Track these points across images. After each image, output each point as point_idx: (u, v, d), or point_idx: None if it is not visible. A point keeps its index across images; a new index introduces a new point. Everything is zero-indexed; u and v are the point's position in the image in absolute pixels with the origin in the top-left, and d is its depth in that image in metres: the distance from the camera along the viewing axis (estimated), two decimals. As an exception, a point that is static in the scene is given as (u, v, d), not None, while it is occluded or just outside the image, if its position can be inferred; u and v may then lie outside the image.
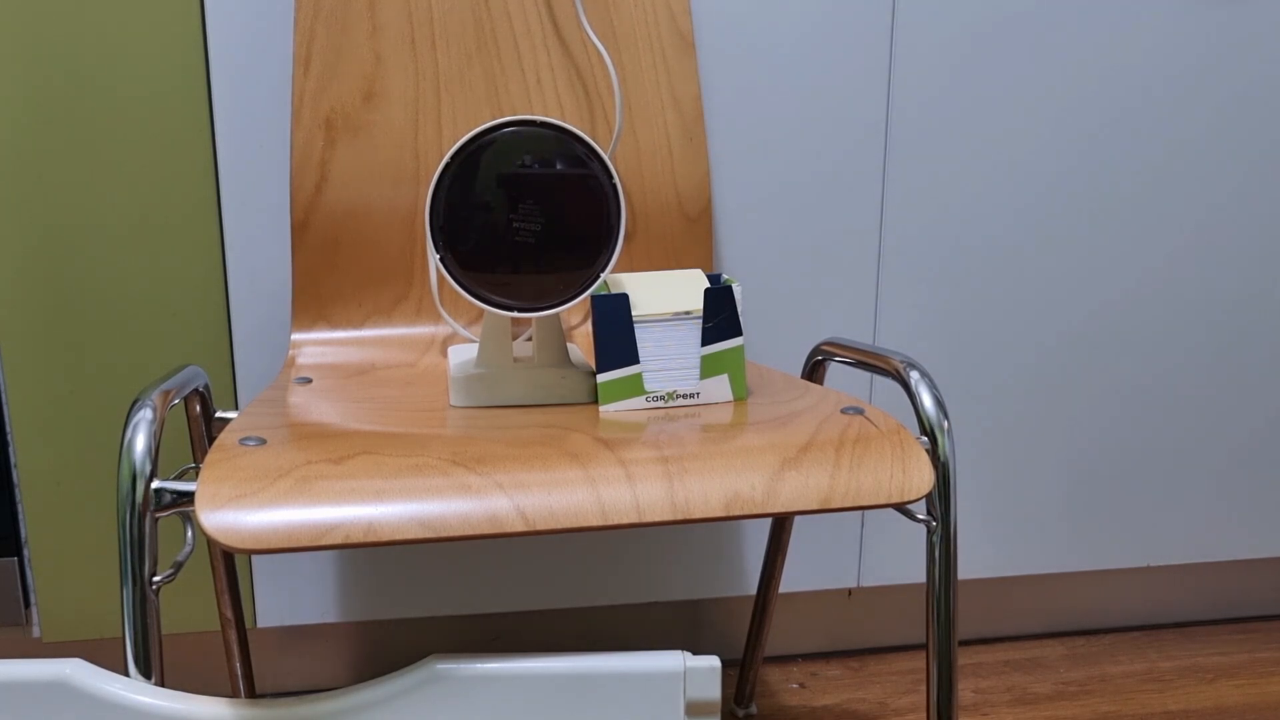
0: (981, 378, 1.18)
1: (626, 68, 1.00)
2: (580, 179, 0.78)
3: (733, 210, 1.10)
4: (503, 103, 0.99)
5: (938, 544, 0.71)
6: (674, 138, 1.01)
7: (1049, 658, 1.26)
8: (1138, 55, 1.14)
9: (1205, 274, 1.21)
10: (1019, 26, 1.11)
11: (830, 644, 1.28)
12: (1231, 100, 1.17)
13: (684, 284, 0.81)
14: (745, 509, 0.62)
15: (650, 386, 0.79)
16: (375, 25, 0.96)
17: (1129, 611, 1.34)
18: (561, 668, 0.95)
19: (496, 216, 0.77)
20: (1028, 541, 1.24)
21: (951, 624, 0.72)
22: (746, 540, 1.18)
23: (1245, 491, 1.27)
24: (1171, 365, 1.22)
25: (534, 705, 0.95)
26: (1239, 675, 1.22)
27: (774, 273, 1.12)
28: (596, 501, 0.61)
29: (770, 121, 1.09)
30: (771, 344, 1.14)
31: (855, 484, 0.64)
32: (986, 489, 1.21)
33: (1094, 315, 1.19)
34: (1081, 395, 1.21)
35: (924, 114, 1.12)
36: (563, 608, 1.20)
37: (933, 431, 0.71)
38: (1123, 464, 1.24)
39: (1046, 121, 1.14)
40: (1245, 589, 1.35)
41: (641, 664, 0.95)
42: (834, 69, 1.09)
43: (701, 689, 0.96)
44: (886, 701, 1.16)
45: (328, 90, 0.95)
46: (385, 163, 0.96)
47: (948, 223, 1.14)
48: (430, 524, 0.59)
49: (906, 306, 1.16)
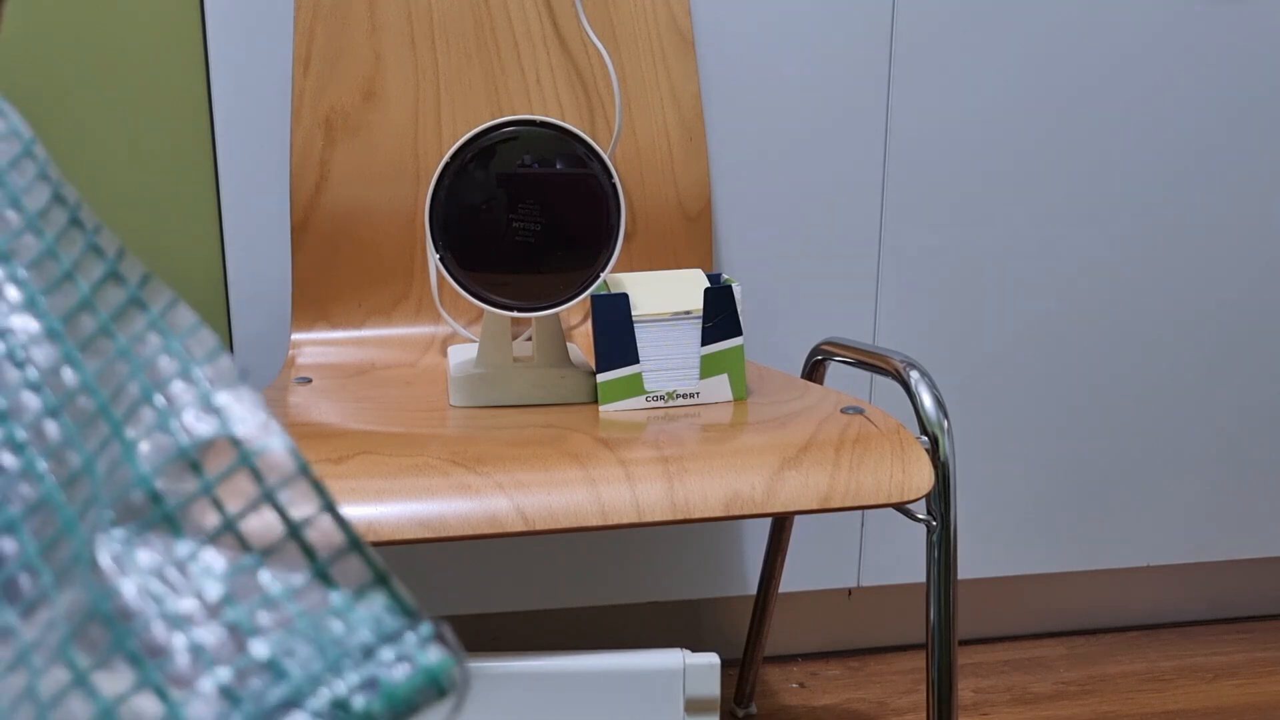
0: (981, 377, 1.18)
1: (626, 67, 1.00)
2: (580, 178, 0.78)
3: (732, 210, 1.10)
4: (502, 102, 0.99)
5: (937, 544, 0.71)
6: (674, 137, 1.01)
7: (1049, 657, 1.26)
8: (1141, 55, 1.14)
9: (1207, 274, 1.21)
10: (1021, 25, 1.11)
11: (830, 644, 1.27)
12: (1237, 100, 1.17)
13: (684, 284, 0.81)
14: (745, 509, 0.62)
15: (650, 386, 0.79)
16: (375, 25, 0.96)
17: (1129, 611, 1.33)
18: (561, 666, 0.95)
19: (496, 216, 0.77)
20: (1027, 541, 1.24)
21: (951, 624, 0.72)
22: (746, 540, 1.18)
23: (1245, 491, 1.27)
24: (1171, 364, 1.22)
25: (534, 703, 0.95)
26: (1239, 675, 1.22)
27: (774, 272, 1.12)
28: (596, 501, 0.61)
29: (770, 121, 1.09)
30: (771, 344, 1.14)
31: (855, 484, 0.64)
32: (986, 488, 1.21)
33: (1095, 315, 1.19)
34: (1081, 395, 1.21)
35: (924, 112, 1.12)
36: (563, 607, 1.20)
37: (933, 431, 0.71)
38: (1122, 464, 1.24)
39: (1047, 121, 1.14)
40: (1245, 589, 1.35)
41: (641, 662, 0.95)
42: (834, 68, 1.09)
43: (700, 686, 0.96)
44: (886, 701, 1.16)
45: (327, 90, 0.95)
46: (385, 162, 0.96)
47: (948, 222, 1.14)
48: (430, 524, 0.59)
49: (906, 306, 1.16)
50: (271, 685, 0.22)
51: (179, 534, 0.23)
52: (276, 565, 0.23)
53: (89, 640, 0.22)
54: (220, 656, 0.22)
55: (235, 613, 0.22)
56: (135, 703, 0.21)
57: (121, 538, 0.23)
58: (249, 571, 0.23)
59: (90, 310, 0.26)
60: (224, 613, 0.22)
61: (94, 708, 0.22)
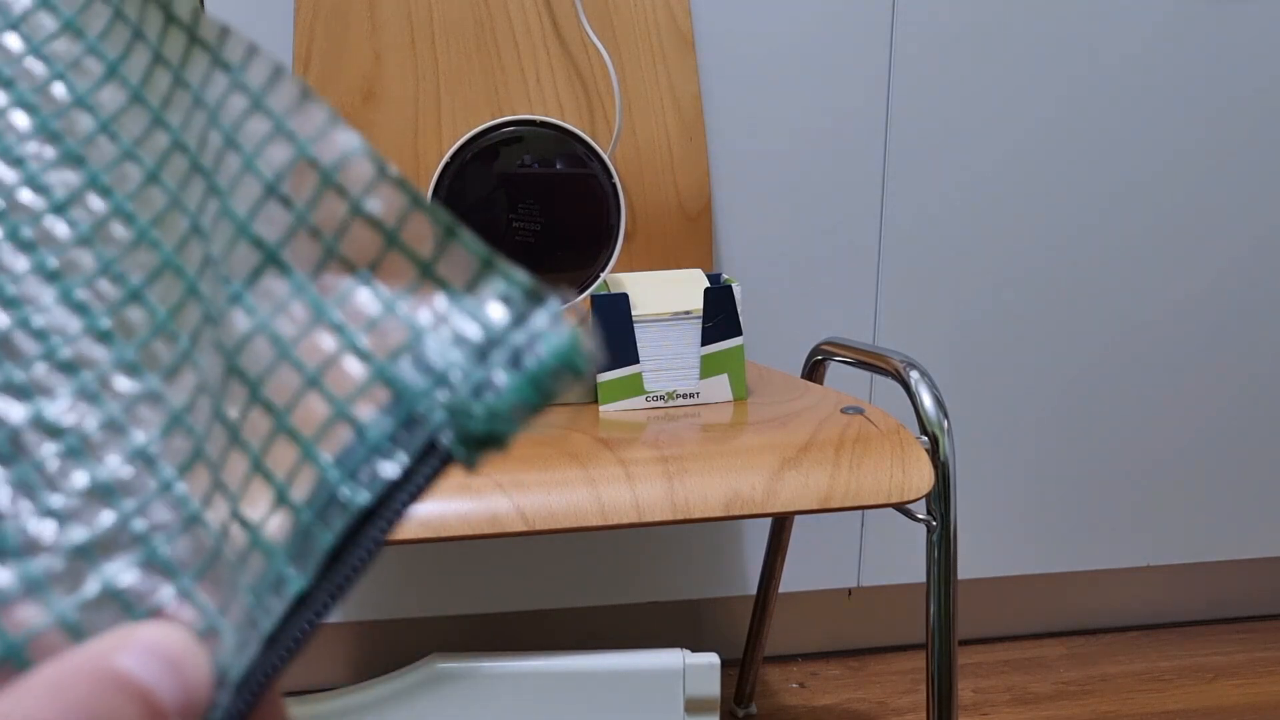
0: (981, 377, 1.18)
1: (626, 66, 1.00)
2: (580, 178, 0.77)
3: (732, 209, 1.10)
4: (502, 102, 0.98)
5: (937, 544, 0.71)
6: (674, 137, 1.01)
7: (1048, 657, 1.25)
8: (1142, 54, 1.14)
9: (1211, 274, 1.20)
10: (1022, 23, 1.11)
11: (830, 644, 1.27)
12: (1243, 99, 1.17)
13: (683, 284, 0.81)
14: (745, 509, 0.62)
15: (650, 386, 0.79)
16: (375, 24, 0.96)
17: (1129, 611, 1.33)
18: (561, 666, 0.95)
19: (496, 216, 0.77)
20: (1027, 541, 1.24)
21: (951, 624, 0.72)
22: (746, 540, 1.18)
23: (1245, 491, 1.27)
24: (1171, 364, 1.22)
25: (534, 704, 0.95)
26: (1238, 675, 1.22)
27: (773, 272, 1.12)
28: (596, 501, 0.61)
29: (770, 120, 1.09)
30: (771, 344, 1.13)
31: (855, 484, 0.64)
32: (986, 488, 1.21)
33: (1094, 314, 1.19)
34: (1081, 394, 1.21)
35: (924, 112, 1.11)
36: (562, 608, 1.20)
37: (932, 431, 0.71)
38: (1122, 463, 1.23)
39: (1049, 118, 1.14)
40: (1245, 589, 1.35)
41: (641, 662, 0.95)
42: (835, 66, 1.09)
43: (701, 686, 0.96)
44: (886, 701, 1.16)
45: (327, 90, 0.95)
46: (385, 162, 0.96)
47: (948, 221, 1.14)
48: (430, 524, 0.59)
49: (906, 306, 1.15)
50: (432, 387, 0.20)
51: (288, 273, 0.22)
52: (386, 276, 0.22)
53: (233, 396, 0.22)
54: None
55: (365, 339, 0.21)
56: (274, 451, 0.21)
57: (237, 291, 0.22)
58: (363, 291, 0.22)
59: (164, 64, 0.25)
60: (351, 339, 0.21)
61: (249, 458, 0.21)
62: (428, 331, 0.21)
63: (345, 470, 0.20)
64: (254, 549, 0.21)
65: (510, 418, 0.20)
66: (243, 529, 0.21)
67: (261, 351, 0.22)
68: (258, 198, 0.23)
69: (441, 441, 0.20)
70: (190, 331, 0.23)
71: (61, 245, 0.24)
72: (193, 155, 0.24)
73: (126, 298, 0.24)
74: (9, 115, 0.25)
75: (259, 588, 0.20)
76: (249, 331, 0.22)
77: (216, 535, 0.21)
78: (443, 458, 0.20)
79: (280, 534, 0.20)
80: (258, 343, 0.22)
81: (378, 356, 0.21)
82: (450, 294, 0.21)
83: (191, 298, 0.23)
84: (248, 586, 0.20)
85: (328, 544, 0.20)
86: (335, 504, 0.20)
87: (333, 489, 0.20)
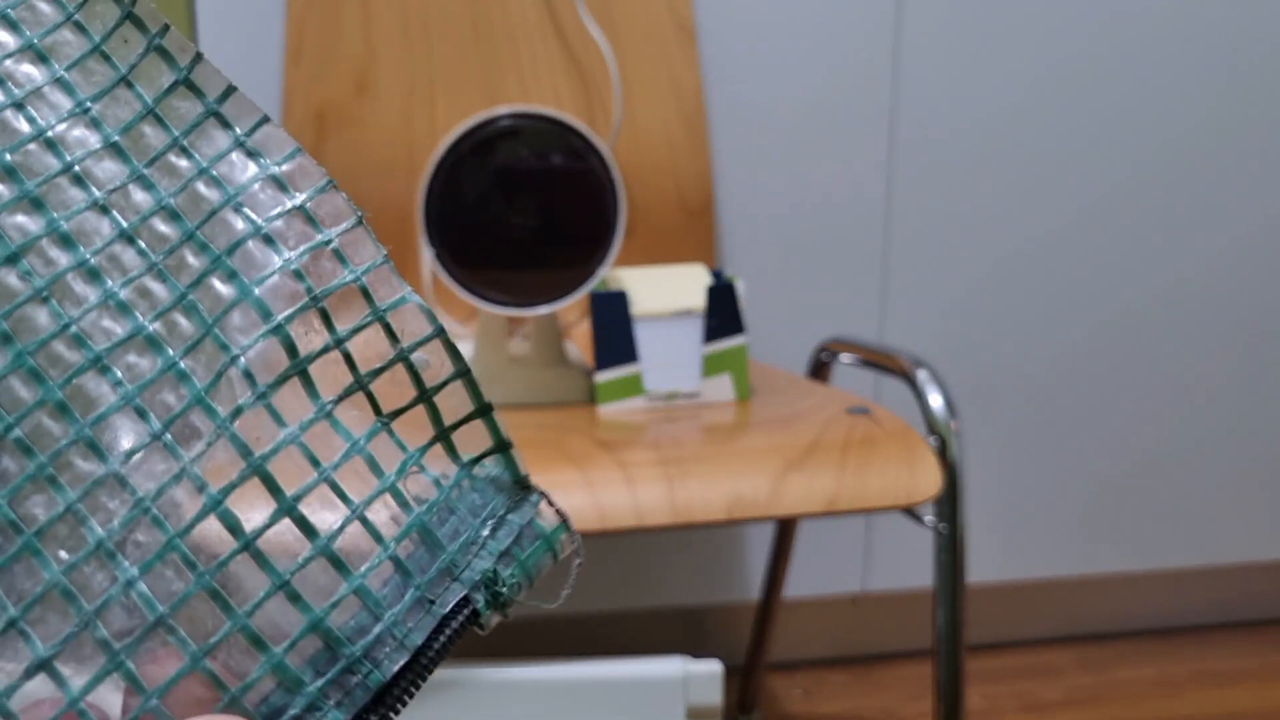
0: (991, 377, 1.17)
1: (626, 58, 0.99)
2: (578, 173, 0.77)
3: (735, 204, 1.09)
4: (498, 94, 0.98)
5: (946, 548, 0.71)
6: (674, 130, 1.00)
7: (1059, 663, 1.25)
8: (1151, 51, 1.13)
9: (1218, 276, 1.20)
10: (1029, 16, 1.10)
11: (835, 650, 1.27)
12: (1252, 94, 1.16)
13: (685, 280, 0.80)
14: (748, 512, 0.62)
15: (650, 386, 0.78)
16: (368, 15, 0.95)
17: (1140, 616, 1.33)
18: (561, 674, 0.94)
19: (492, 211, 0.76)
20: (1037, 545, 1.23)
21: (959, 630, 0.72)
22: (749, 544, 1.17)
23: (1257, 494, 1.26)
24: (1185, 367, 1.21)
25: (534, 712, 0.94)
26: (1251, 680, 1.22)
27: (777, 268, 1.11)
28: (594, 505, 0.60)
29: (774, 112, 1.08)
30: (775, 342, 1.13)
31: (861, 486, 0.64)
32: (995, 491, 1.21)
33: (1106, 315, 1.19)
34: (1093, 396, 1.20)
35: (930, 104, 1.11)
36: (561, 614, 1.19)
37: (941, 432, 0.70)
38: (1134, 467, 1.23)
39: (1057, 112, 1.13)
40: (1257, 592, 1.35)
41: (642, 670, 0.93)
42: (840, 58, 1.08)
43: (703, 694, 0.94)
44: (893, 709, 1.15)
45: (319, 82, 0.95)
46: (378, 157, 0.95)
47: (956, 217, 1.13)
48: (420, 528, 0.58)
49: (914, 303, 1.15)
50: (429, 557, 0.22)
51: (313, 393, 0.22)
52: (406, 428, 0.22)
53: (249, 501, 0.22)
54: (384, 529, 0.22)
55: (385, 480, 0.22)
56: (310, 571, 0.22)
57: (259, 393, 0.22)
58: (384, 435, 0.22)
59: (156, 123, 0.24)
60: (376, 479, 0.22)
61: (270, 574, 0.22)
62: (449, 492, 0.22)
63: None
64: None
65: (519, 588, 0.23)
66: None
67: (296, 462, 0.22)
68: (298, 306, 0.23)
69: (475, 599, 0.23)
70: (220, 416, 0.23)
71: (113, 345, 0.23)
72: (186, 228, 0.24)
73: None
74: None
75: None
76: (280, 441, 0.22)
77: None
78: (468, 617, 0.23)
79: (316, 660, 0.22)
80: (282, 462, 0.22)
81: (412, 505, 0.22)
82: (458, 463, 0.23)
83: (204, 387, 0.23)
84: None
85: (377, 682, 0.22)
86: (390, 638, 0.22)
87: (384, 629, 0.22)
